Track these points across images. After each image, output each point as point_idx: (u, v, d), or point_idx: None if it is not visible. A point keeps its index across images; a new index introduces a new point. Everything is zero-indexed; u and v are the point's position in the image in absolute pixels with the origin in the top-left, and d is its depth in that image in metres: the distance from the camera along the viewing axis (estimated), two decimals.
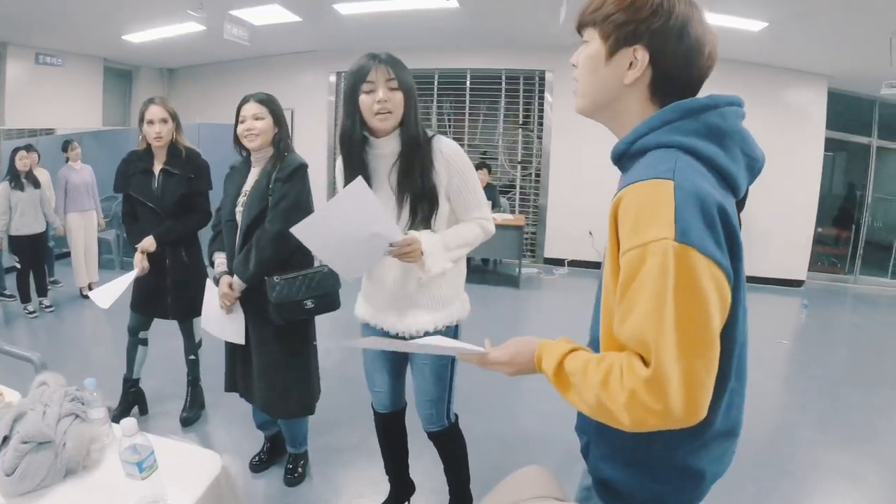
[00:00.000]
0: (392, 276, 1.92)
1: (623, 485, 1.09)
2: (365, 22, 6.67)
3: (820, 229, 8.01)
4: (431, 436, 2.14)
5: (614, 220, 0.94)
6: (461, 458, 2.23)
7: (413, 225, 1.84)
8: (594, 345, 1.10)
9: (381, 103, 1.76)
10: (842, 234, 8.59)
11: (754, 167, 1.02)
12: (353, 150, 1.85)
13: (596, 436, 1.12)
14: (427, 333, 1.93)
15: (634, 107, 1.03)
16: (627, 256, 0.89)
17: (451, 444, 2.19)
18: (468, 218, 1.94)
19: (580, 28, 1.07)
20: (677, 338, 0.85)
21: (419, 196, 1.83)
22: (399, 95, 1.79)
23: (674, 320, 0.85)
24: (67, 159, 5.83)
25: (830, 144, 7.80)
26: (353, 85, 1.79)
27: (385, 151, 1.85)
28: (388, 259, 1.80)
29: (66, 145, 5.89)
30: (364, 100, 1.77)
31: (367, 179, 1.84)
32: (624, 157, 1.04)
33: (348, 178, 1.83)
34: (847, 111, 7.88)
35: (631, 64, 0.99)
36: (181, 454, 1.48)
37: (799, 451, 3.23)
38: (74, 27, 6.76)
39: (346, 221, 1.65)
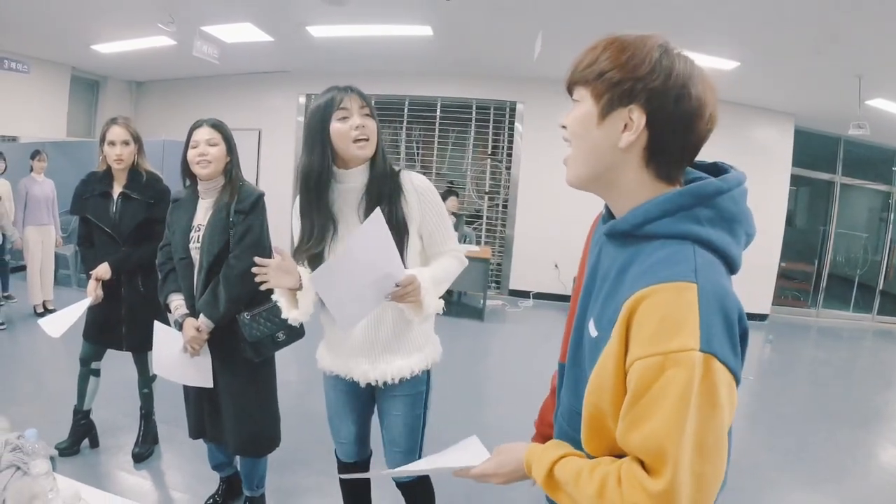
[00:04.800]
0: (362, 322, 1.78)
1: None
2: (337, 45, 6.62)
3: (783, 263, 8.14)
4: (401, 486, 2.04)
5: (627, 323, 0.86)
6: None
7: None
8: (569, 416, 1.07)
9: (360, 129, 1.69)
10: (806, 268, 8.76)
11: (749, 242, 0.98)
12: (314, 185, 1.74)
13: None
14: (402, 379, 1.84)
15: (631, 175, 0.95)
16: (643, 364, 0.82)
17: (420, 495, 2.08)
18: (442, 251, 1.85)
19: (570, 87, 0.98)
20: (696, 450, 0.81)
21: (389, 227, 1.72)
22: (373, 123, 1.73)
23: (694, 432, 0.81)
24: (31, 168, 5.62)
25: (795, 180, 7.98)
26: (323, 116, 1.70)
27: (354, 185, 1.77)
28: None
29: (35, 154, 5.71)
30: (338, 128, 1.69)
31: (335, 217, 1.76)
32: (622, 235, 0.97)
33: (308, 217, 1.76)
34: (812, 148, 8.08)
35: (626, 126, 0.91)
36: None
37: (767, 492, 3.22)
38: (43, 32, 6.57)
39: (359, 262, 1.51)
